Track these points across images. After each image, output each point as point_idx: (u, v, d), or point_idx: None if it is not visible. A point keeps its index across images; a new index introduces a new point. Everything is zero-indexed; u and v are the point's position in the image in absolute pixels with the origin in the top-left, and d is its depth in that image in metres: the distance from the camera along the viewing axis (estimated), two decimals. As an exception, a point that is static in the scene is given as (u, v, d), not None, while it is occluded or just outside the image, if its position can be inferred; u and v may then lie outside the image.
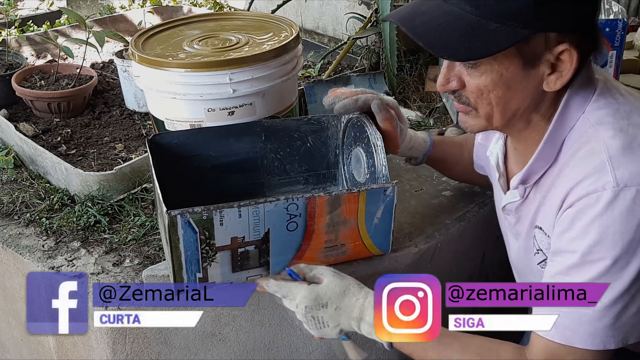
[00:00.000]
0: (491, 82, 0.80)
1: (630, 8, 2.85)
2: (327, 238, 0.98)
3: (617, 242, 0.75)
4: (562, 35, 0.76)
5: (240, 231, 0.91)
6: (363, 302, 0.86)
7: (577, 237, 0.78)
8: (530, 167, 0.87)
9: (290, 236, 0.95)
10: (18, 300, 1.20)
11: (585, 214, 0.77)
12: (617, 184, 0.75)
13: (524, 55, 0.77)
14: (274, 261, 0.96)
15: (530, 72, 0.79)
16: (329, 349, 1.13)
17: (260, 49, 1.20)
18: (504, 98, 0.81)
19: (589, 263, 0.77)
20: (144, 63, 1.17)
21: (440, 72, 0.85)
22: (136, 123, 1.59)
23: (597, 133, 0.80)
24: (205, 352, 1.08)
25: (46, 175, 1.33)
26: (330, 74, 1.86)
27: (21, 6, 2.75)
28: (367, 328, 0.86)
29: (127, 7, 2.33)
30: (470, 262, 1.30)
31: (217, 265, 0.92)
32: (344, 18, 2.13)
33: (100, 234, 1.15)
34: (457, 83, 0.83)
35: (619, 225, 0.75)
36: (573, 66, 0.78)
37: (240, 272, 0.95)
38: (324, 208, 0.94)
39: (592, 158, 0.79)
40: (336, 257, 1.01)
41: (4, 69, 1.69)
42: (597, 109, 0.82)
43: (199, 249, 0.90)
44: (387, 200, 0.97)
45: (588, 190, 0.77)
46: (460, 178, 1.25)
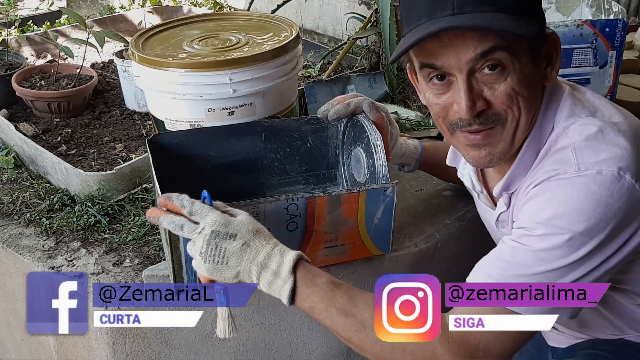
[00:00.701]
0: (517, 83, 0.79)
1: (630, 8, 2.86)
2: (327, 238, 0.98)
3: (574, 219, 0.75)
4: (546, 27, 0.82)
5: None
6: (272, 249, 0.80)
7: (537, 212, 0.79)
8: (512, 173, 0.88)
9: (290, 236, 0.95)
10: (18, 300, 1.20)
11: (544, 192, 0.79)
12: (578, 168, 0.77)
13: (533, 48, 0.80)
14: None
15: (537, 66, 0.82)
16: (329, 350, 1.13)
17: (260, 49, 1.20)
18: (529, 99, 0.81)
19: (544, 235, 0.77)
20: (144, 63, 1.17)
21: (459, 98, 0.80)
22: (136, 123, 1.59)
23: (566, 132, 0.82)
24: (205, 352, 1.08)
25: (46, 175, 1.33)
26: (330, 74, 1.86)
27: (21, 6, 2.75)
28: (270, 277, 0.80)
29: (127, 7, 2.34)
30: (470, 262, 1.30)
31: None
32: (344, 18, 2.13)
33: (101, 234, 1.15)
34: (483, 103, 0.80)
35: (577, 202, 0.75)
36: (559, 56, 0.83)
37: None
38: (324, 208, 0.94)
39: (559, 152, 0.81)
40: (336, 257, 1.01)
41: (4, 69, 1.69)
42: (563, 108, 0.84)
43: None
44: (387, 200, 0.97)
45: (550, 175, 0.79)
46: (454, 181, 1.25)
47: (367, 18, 1.86)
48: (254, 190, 1.17)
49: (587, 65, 1.51)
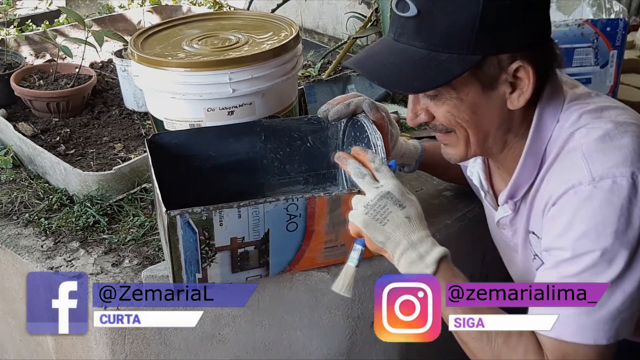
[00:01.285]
0: (454, 109, 0.83)
1: (631, 7, 2.85)
2: (327, 238, 0.97)
3: (601, 234, 0.76)
4: (513, 55, 0.79)
5: (240, 231, 0.90)
6: (427, 236, 0.83)
7: (562, 233, 0.79)
8: (515, 182, 0.89)
9: (290, 236, 0.94)
10: (17, 300, 1.19)
11: (566, 210, 0.79)
12: (592, 178, 0.77)
13: (480, 78, 0.80)
14: (274, 262, 0.96)
15: (491, 93, 0.82)
16: (329, 350, 1.13)
17: (259, 48, 1.20)
18: (472, 122, 0.84)
19: (577, 257, 0.78)
20: (143, 62, 1.17)
21: (407, 107, 0.87)
22: (135, 123, 1.59)
23: (572, 135, 0.83)
24: (205, 352, 1.08)
25: (45, 175, 1.33)
26: (330, 73, 1.86)
27: (20, 5, 2.74)
28: (415, 257, 0.81)
29: (126, 7, 2.33)
30: (470, 262, 1.30)
31: (217, 266, 0.92)
32: (344, 17, 2.13)
33: (100, 234, 1.15)
34: (426, 115, 0.86)
35: (600, 217, 0.76)
36: (531, 82, 0.80)
37: (239, 272, 0.94)
38: (324, 208, 0.94)
39: (568, 157, 0.82)
40: (336, 257, 1.01)
41: (3, 69, 1.69)
42: (569, 114, 0.85)
43: (198, 249, 0.89)
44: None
45: (566, 187, 0.79)
46: (455, 181, 1.26)
47: (367, 17, 1.85)
48: (253, 190, 1.16)
49: (588, 64, 1.50)
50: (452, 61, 0.78)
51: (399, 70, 0.80)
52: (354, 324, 1.11)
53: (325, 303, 1.08)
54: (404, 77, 0.80)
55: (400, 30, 0.81)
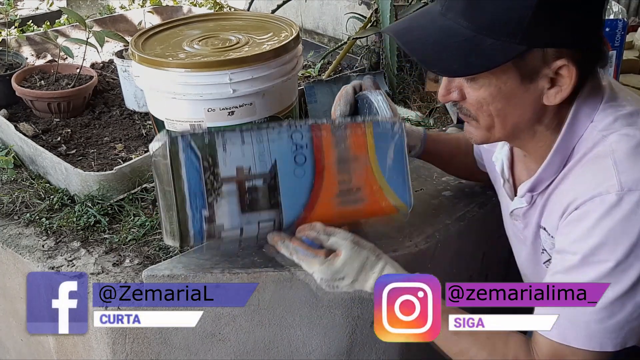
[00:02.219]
0: (489, 95, 0.80)
1: (630, 8, 2.85)
2: (341, 178, 0.92)
3: (619, 245, 0.75)
4: (560, 50, 0.77)
5: (245, 161, 0.86)
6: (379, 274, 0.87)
7: (580, 238, 0.78)
8: (539, 176, 0.87)
9: (300, 172, 0.89)
10: (18, 300, 1.20)
11: (588, 217, 0.78)
12: (621, 188, 0.76)
13: (522, 69, 0.78)
14: (287, 203, 0.89)
15: (529, 86, 0.79)
16: (329, 350, 1.13)
17: (260, 49, 1.20)
18: (504, 111, 0.82)
19: (590, 264, 0.77)
20: (144, 63, 1.17)
21: (441, 82, 0.85)
22: (136, 123, 1.59)
23: (604, 139, 0.81)
24: (205, 352, 1.08)
25: (46, 175, 1.33)
26: (330, 74, 1.86)
27: (21, 6, 2.74)
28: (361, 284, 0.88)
29: (127, 7, 2.33)
30: (470, 262, 1.30)
31: (225, 203, 0.86)
32: (344, 18, 2.12)
33: (100, 234, 1.15)
34: (458, 95, 0.84)
35: (622, 228, 0.75)
36: (572, 81, 0.78)
37: (250, 213, 0.87)
38: (329, 138, 0.91)
39: (597, 162, 0.80)
40: (354, 207, 0.93)
41: (4, 69, 1.69)
42: (605, 116, 0.82)
43: (202, 178, 0.84)
44: (397, 138, 0.93)
45: (593, 194, 0.78)
46: (459, 173, 1.24)
47: (367, 18, 1.86)
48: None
49: (587, 65, 1.50)
50: (496, 48, 0.75)
51: (441, 50, 0.78)
52: (353, 324, 1.11)
53: (325, 302, 1.08)
54: (444, 59, 0.78)
55: (448, 4, 0.79)
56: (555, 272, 0.82)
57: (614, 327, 0.77)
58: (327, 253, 0.87)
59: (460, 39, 0.77)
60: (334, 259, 0.87)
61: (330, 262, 0.86)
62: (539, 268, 0.94)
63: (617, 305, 0.77)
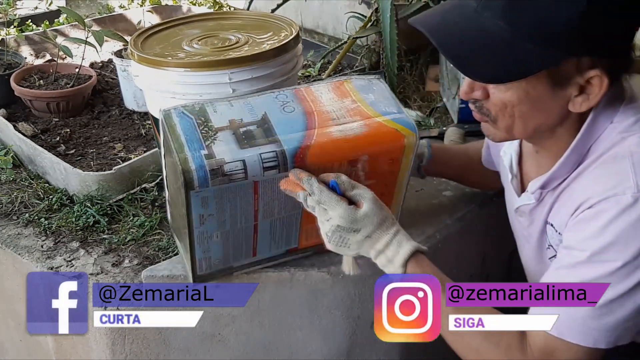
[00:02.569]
0: (517, 99, 0.79)
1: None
2: (333, 115, 0.92)
3: (629, 246, 0.75)
4: (595, 60, 0.75)
5: (236, 114, 0.90)
6: (391, 239, 0.84)
7: (591, 237, 0.78)
8: (554, 173, 0.87)
9: (291, 114, 0.91)
10: (17, 300, 1.19)
11: (602, 216, 0.77)
12: (638, 190, 0.75)
13: (554, 76, 0.76)
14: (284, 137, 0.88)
15: (558, 92, 0.78)
16: (329, 351, 1.13)
17: (260, 48, 1.20)
18: (528, 114, 0.81)
19: (597, 263, 0.77)
20: (143, 62, 1.17)
21: (465, 79, 0.83)
22: (135, 123, 1.59)
23: (623, 140, 0.80)
24: (205, 352, 1.08)
25: (45, 175, 1.33)
26: (330, 73, 1.86)
27: (20, 5, 2.74)
28: (383, 261, 0.85)
29: (126, 7, 2.33)
30: (470, 262, 1.30)
31: (222, 144, 0.86)
32: (344, 17, 2.12)
33: (99, 234, 1.15)
34: (482, 93, 0.82)
35: (634, 230, 0.75)
36: (602, 91, 0.77)
37: (249, 148, 0.86)
38: (312, 92, 0.95)
39: (615, 162, 0.79)
40: (355, 134, 0.89)
41: (3, 69, 1.69)
42: (625, 118, 0.81)
43: (197, 129, 0.87)
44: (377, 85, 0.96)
45: (608, 194, 0.77)
46: (474, 180, 1.23)
47: (367, 17, 1.85)
48: None
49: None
50: (533, 54, 0.73)
51: (476, 52, 0.75)
52: (354, 324, 1.11)
53: (325, 303, 1.08)
54: (479, 62, 0.75)
55: (485, 2, 0.75)
56: (559, 266, 0.82)
57: (610, 326, 0.77)
58: (349, 202, 0.85)
59: (498, 42, 0.74)
60: (357, 208, 0.84)
61: (353, 209, 0.83)
62: (544, 265, 0.93)
63: (616, 305, 0.77)
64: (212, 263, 0.97)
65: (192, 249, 0.93)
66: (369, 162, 0.92)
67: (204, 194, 0.86)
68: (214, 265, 0.97)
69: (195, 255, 0.94)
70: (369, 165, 0.93)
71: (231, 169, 0.84)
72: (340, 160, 0.90)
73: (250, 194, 0.89)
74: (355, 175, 0.92)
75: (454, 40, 0.77)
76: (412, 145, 0.92)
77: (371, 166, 0.93)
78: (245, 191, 0.88)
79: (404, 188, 1.00)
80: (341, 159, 0.90)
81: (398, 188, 1.00)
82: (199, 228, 0.90)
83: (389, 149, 0.92)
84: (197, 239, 0.91)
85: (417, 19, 0.80)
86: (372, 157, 0.92)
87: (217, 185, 0.85)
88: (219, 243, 0.94)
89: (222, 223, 0.91)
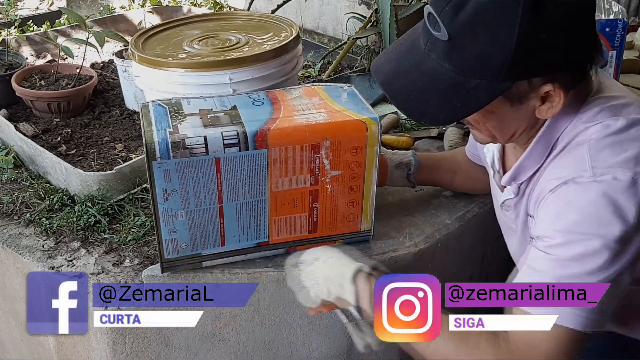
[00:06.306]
0: (482, 118, 0.83)
1: (630, 8, 2.86)
2: (299, 108, 0.97)
3: (592, 224, 0.76)
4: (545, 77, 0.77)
5: (207, 105, 0.97)
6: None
7: (554, 219, 0.79)
8: (519, 165, 0.90)
9: (259, 104, 0.98)
10: (18, 300, 1.20)
11: (561, 198, 0.80)
12: (593, 174, 0.78)
13: (510, 98, 0.79)
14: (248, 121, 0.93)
15: (519, 107, 0.81)
16: (329, 350, 1.13)
17: (260, 48, 1.20)
18: (499, 127, 0.85)
19: (569, 243, 0.78)
20: (144, 63, 1.17)
21: None
22: (136, 123, 1.59)
23: (586, 129, 0.83)
24: (205, 352, 1.08)
25: (46, 175, 1.33)
26: (330, 73, 1.86)
27: (21, 6, 2.74)
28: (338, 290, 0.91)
29: (127, 7, 2.34)
30: (470, 262, 1.30)
31: (188, 124, 0.92)
32: (344, 18, 2.13)
33: (100, 234, 1.15)
34: None
35: (594, 208, 0.76)
36: (562, 99, 0.79)
37: (213, 127, 0.91)
38: (283, 92, 1.02)
39: (574, 150, 0.82)
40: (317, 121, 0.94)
41: (4, 69, 1.69)
42: (590, 108, 0.84)
43: (168, 114, 0.94)
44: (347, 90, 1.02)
45: (566, 178, 0.79)
46: (467, 183, 1.24)
47: (367, 18, 1.86)
48: None
49: (587, 65, 1.50)
50: (481, 88, 0.76)
51: (426, 99, 0.79)
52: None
53: (325, 303, 1.08)
54: (430, 108, 0.79)
55: (431, 46, 0.79)
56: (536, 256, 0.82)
57: (597, 309, 0.77)
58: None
59: (445, 84, 0.77)
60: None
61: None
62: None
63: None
64: (179, 247, 0.97)
65: (157, 228, 0.94)
66: (332, 149, 0.95)
67: (166, 166, 0.89)
68: (182, 249, 0.98)
69: (161, 235, 0.95)
70: (333, 153, 0.95)
71: (192, 143, 0.89)
72: (301, 143, 0.93)
73: (213, 171, 0.92)
74: (320, 164, 0.95)
75: (407, 91, 0.81)
76: (375, 135, 0.95)
77: (335, 154, 0.96)
78: (207, 168, 0.91)
79: (373, 185, 1.01)
80: (302, 141, 0.93)
81: (367, 184, 1.01)
82: (164, 204, 0.92)
83: (351, 137, 0.95)
84: (161, 216, 0.93)
85: (377, 66, 0.85)
86: (334, 143, 0.94)
87: (179, 158, 0.89)
88: (184, 223, 0.95)
89: (186, 201, 0.93)
